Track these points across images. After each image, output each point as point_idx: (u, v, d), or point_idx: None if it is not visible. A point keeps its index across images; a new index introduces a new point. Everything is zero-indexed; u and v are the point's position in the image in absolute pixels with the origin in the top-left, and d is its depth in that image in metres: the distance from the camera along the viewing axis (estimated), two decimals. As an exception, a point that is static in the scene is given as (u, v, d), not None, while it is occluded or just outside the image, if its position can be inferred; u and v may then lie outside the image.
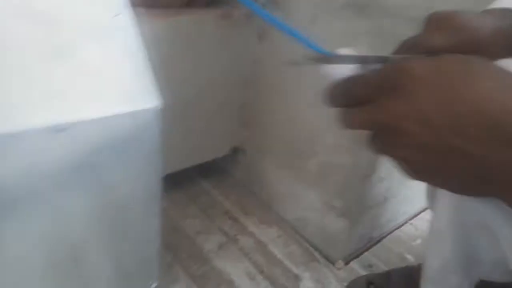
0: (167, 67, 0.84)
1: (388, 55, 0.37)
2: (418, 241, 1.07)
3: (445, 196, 0.54)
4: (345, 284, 0.90)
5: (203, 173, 1.14)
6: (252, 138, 1.08)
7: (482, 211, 0.48)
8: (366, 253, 1.00)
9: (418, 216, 1.16)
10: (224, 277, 0.88)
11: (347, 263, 0.96)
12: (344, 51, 0.39)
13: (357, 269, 0.95)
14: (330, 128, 0.88)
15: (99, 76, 0.45)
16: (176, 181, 1.08)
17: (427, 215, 1.17)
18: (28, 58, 0.41)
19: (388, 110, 0.30)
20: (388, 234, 1.06)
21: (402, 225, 1.11)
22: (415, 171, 0.31)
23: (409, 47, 0.40)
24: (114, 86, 0.45)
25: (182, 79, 0.88)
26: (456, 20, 0.39)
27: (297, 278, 0.90)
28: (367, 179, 0.85)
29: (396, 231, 1.08)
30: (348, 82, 0.34)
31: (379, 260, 0.98)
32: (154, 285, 0.63)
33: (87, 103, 0.43)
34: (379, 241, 1.04)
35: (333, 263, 0.95)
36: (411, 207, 1.12)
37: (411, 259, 1.01)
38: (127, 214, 0.52)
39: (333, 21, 0.79)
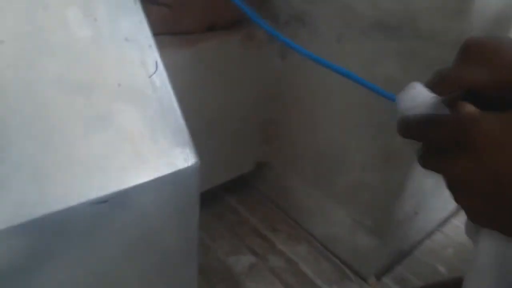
0: (191, 91, 0.83)
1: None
2: (450, 250, 1.05)
3: (492, 236, 0.52)
4: (379, 301, 0.90)
5: (229, 190, 1.14)
6: (277, 153, 1.08)
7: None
8: (398, 267, 0.99)
9: (447, 222, 1.14)
10: (258, 300, 0.88)
11: (379, 278, 0.95)
12: (417, 86, 0.36)
13: (390, 284, 0.95)
14: (359, 146, 0.87)
15: (137, 141, 0.44)
16: (203, 200, 1.07)
17: (456, 220, 1.15)
18: (68, 132, 0.41)
19: (460, 168, 0.30)
20: (419, 244, 1.05)
21: (432, 233, 1.10)
22: (476, 218, 0.32)
23: (443, 79, 0.37)
24: (153, 149, 0.45)
25: (206, 100, 0.87)
26: (499, 52, 0.36)
27: (330, 298, 0.90)
28: (396, 197, 0.84)
29: (427, 241, 1.07)
30: (423, 122, 0.34)
31: (412, 273, 0.97)
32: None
33: (127, 171, 0.43)
34: (410, 253, 1.03)
35: (365, 279, 0.94)
36: (439, 214, 1.10)
37: (443, 270, 1.00)
38: (167, 266, 0.52)
39: (360, 41, 0.77)
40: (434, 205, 1.01)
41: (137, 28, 0.48)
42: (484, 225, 0.33)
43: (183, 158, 0.46)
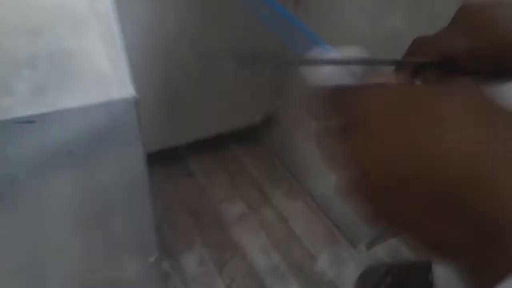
0: (197, 30, 0.81)
1: (391, 59, 0.31)
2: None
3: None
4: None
5: (236, 139, 1.13)
6: (285, 109, 1.04)
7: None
8: (395, 240, 0.94)
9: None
10: (239, 249, 0.88)
11: (370, 247, 0.92)
12: (350, 50, 0.34)
13: (381, 255, 0.91)
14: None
15: (74, 65, 0.44)
16: (210, 146, 1.08)
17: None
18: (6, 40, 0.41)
19: (352, 147, 0.25)
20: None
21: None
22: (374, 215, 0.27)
23: (421, 47, 0.35)
24: (89, 76, 0.44)
25: (211, 40, 0.84)
26: (488, 22, 0.33)
27: (312, 258, 0.89)
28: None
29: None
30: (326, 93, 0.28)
31: (406, 246, 0.93)
32: (152, 258, 0.65)
33: (62, 93, 0.43)
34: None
35: (354, 246, 0.91)
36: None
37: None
38: (113, 195, 0.53)
39: (369, -10, 0.70)
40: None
41: None
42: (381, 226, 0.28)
43: (118, 90, 0.45)
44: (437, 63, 0.36)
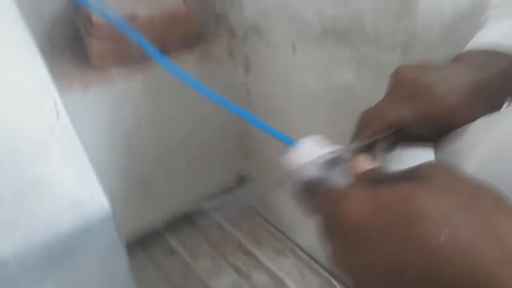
0: (155, 117, 0.82)
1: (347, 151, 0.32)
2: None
3: None
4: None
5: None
6: (258, 165, 1.05)
7: None
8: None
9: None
10: (239, 322, 0.86)
11: (367, 290, 0.91)
12: (309, 141, 0.34)
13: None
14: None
15: (42, 194, 0.43)
16: (188, 218, 1.07)
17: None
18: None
19: (337, 258, 0.25)
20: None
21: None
22: None
23: (370, 120, 0.36)
24: (59, 203, 0.44)
25: (172, 124, 0.86)
26: (426, 86, 0.34)
27: (315, 314, 0.87)
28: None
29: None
30: (306, 192, 0.30)
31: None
32: None
33: (32, 228, 0.42)
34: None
35: (352, 292, 0.91)
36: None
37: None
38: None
39: (314, 50, 0.74)
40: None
41: (35, 78, 0.47)
42: None
43: (93, 210, 0.44)
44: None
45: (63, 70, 0.73)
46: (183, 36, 0.79)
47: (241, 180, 1.09)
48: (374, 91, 0.67)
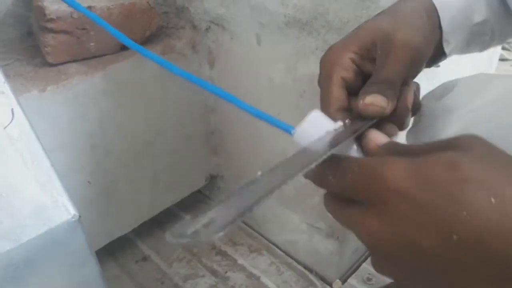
0: (118, 117, 0.78)
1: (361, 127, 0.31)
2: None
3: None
4: (346, 305, 0.86)
5: (186, 207, 1.09)
6: (226, 164, 1.03)
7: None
8: (364, 265, 0.95)
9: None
10: (218, 325, 0.83)
11: (344, 280, 0.91)
12: (317, 116, 0.33)
13: (356, 285, 0.91)
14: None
15: (1, 203, 0.39)
16: (159, 222, 1.03)
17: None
18: None
19: (369, 231, 0.24)
20: (385, 237, 1.02)
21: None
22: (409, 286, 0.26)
23: (376, 82, 0.34)
24: (21, 210, 0.40)
25: (135, 124, 0.82)
26: (404, 40, 0.34)
27: (295, 309, 0.86)
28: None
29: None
30: (324, 170, 0.28)
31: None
32: None
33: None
34: (375, 248, 0.99)
35: (330, 284, 0.90)
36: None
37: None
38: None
39: (279, 41, 0.72)
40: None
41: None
42: None
43: (58, 214, 0.41)
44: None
45: (17, 70, 0.68)
46: (143, 30, 0.76)
47: (212, 180, 1.07)
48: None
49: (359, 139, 0.30)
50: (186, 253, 0.99)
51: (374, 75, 0.34)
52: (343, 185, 0.26)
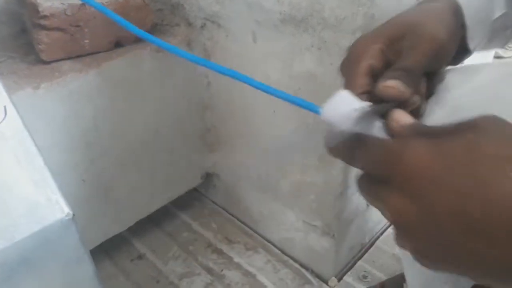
0: (113, 115, 0.78)
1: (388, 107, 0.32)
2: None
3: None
4: (342, 302, 0.86)
5: (181, 205, 1.09)
6: (222, 162, 1.03)
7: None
8: (359, 262, 0.95)
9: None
10: (214, 323, 0.83)
11: (340, 278, 0.91)
12: (345, 94, 0.33)
13: (352, 282, 0.91)
14: (294, 148, 0.82)
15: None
16: (155, 220, 1.03)
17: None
18: None
19: (394, 208, 0.26)
20: (380, 235, 1.02)
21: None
22: (426, 261, 0.27)
23: (398, 68, 0.36)
24: (14, 208, 0.40)
25: (132, 121, 0.82)
26: (427, 32, 0.37)
27: (291, 307, 0.86)
28: (342, 195, 0.80)
29: (389, 229, 1.04)
30: (352, 149, 0.30)
31: (374, 267, 0.94)
32: None
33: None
34: (371, 245, 0.99)
35: (326, 282, 0.90)
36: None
37: (407, 257, 0.96)
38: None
39: (275, 38, 0.72)
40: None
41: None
42: (433, 268, 0.27)
43: (51, 213, 0.41)
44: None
45: (10, 67, 0.68)
46: (137, 27, 0.75)
47: (208, 178, 1.07)
48: (336, 77, 0.67)
49: (384, 118, 0.31)
50: (181, 251, 0.98)
51: (397, 63, 0.36)
52: (370, 165, 0.28)
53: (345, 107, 0.31)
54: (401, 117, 0.29)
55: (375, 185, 0.28)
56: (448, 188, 0.23)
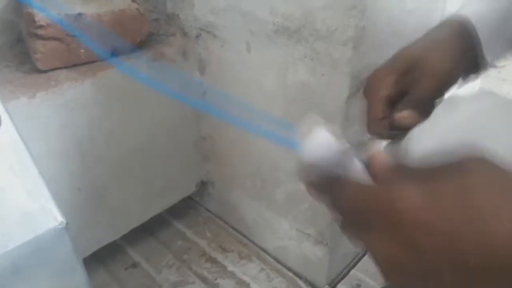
0: (108, 123, 0.78)
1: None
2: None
3: None
4: (335, 311, 0.86)
5: (177, 214, 1.09)
6: (217, 170, 1.03)
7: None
8: (353, 271, 0.95)
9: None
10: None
11: (334, 287, 0.92)
12: (322, 133, 0.31)
13: (346, 291, 0.91)
14: (287, 156, 0.83)
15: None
16: (149, 228, 1.03)
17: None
18: None
19: (383, 255, 0.25)
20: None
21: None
22: None
23: (411, 100, 0.42)
24: (8, 217, 0.40)
25: (126, 130, 0.82)
26: (431, 66, 0.41)
27: (284, 316, 0.86)
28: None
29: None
30: (332, 188, 0.28)
31: (367, 275, 0.94)
32: None
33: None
34: (364, 254, 0.99)
35: (320, 290, 0.91)
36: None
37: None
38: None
39: (269, 48, 0.73)
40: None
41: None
42: None
43: (45, 222, 0.41)
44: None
45: (6, 76, 0.68)
46: (134, 37, 0.76)
47: (203, 186, 1.07)
48: (328, 87, 0.68)
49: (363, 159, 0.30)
50: (175, 259, 0.98)
51: (410, 94, 0.42)
52: (352, 213, 0.27)
53: (323, 146, 0.30)
54: (382, 159, 0.28)
55: (363, 230, 0.26)
56: (445, 238, 0.22)
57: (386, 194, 0.24)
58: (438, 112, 0.39)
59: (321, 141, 0.30)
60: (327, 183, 0.28)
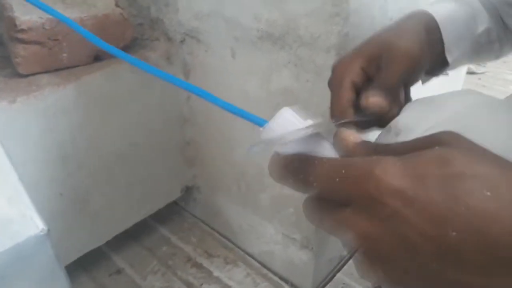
0: (90, 129, 0.78)
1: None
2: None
3: None
4: (321, 315, 0.86)
5: (162, 219, 1.08)
6: (202, 175, 1.03)
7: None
8: (338, 274, 0.96)
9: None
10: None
11: (320, 291, 0.92)
12: (286, 112, 0.30)
13: (331, 294, 0.92)
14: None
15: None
16: (134, 234, 1.02)
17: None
18: None
19: (362, 232, 0.23)
20: (359, 247, 1.03)
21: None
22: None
23: (378, 85, 0.41)
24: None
25: (110, 134, 0.81)
26: (399, 51, 0.41)
27: (270, 321, 0.86)
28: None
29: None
30: (304, 167, 0.26)
31: (352, 279, 0.95)
32: None
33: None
34: (350, 258, 1.00)
35: (305, 294, 0.91)
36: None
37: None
38: None
39: (253, 54, 0.73)
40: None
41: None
42: None
43: (25, 229, 0.40)
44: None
45: (-16, 81, 0.67)
46: (117, 41, 0.75)
47: (188, 191, 1.06)
48: (312, 93, 0.69)
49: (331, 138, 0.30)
50: (160, 265, 0.98)
51: (377, 79, 0.42)
52: (329, 188, 0.25)
53: (289, 126, 0.29)
54: (351, 135, 0.28)
55: (331, 210, 0.25)
56: (423, 207, 0.21)
57: (364, 165, 0.23)
58: (425, 109, 0.39)
59: (286, 120, 0.29)
60: (298, 162, 0.27)
